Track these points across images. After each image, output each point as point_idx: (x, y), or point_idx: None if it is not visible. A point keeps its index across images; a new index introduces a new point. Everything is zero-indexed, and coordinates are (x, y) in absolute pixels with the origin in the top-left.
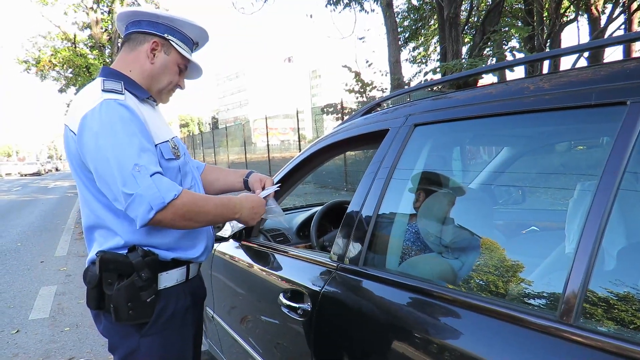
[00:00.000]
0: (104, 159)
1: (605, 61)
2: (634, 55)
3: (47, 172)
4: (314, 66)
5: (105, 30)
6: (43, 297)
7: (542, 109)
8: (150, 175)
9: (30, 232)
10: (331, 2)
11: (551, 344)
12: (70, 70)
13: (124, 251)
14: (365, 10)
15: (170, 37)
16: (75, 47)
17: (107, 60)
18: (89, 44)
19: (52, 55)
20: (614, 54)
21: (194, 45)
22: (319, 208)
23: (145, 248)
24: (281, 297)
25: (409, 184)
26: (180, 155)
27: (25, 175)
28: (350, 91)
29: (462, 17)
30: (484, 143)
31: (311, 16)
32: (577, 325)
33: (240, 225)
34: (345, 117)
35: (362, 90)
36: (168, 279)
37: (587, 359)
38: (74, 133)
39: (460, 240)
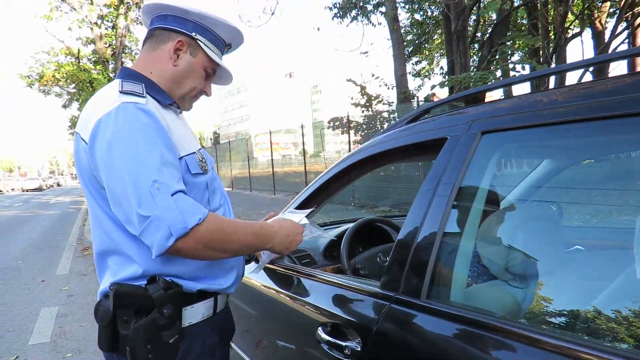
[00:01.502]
0: (117, 173)
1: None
2: (638, 68)
3: (48, 188)
4: (314, 81)
5: (109, 45)
6: (44, 319)
7: None
8: (172, 194)
9: (31, 249)
10: (338, 15)
11: None
12: (73, 85)
13: (143, 282)
14: (373, 24)
15: (198, 37)
16: (78, 62)
17: (111, 75)
18: (93, 59)
19: (55, 70)
20: (618, 68)
21: (225, 47)
22: (344, 227)
23: (167, 278)
24: (320, 331)
25: (477, 203)
26: (208, 170)
27: (27, 191)
28: (356, 105)
29: (468, 30)
30: (575, 154)
31: (318, 29)
32: None
33: None
34: (352, 132)
35: (368, 104)
36: (193, 314)
37: None
38: (86, 142)
39: (530, 267)
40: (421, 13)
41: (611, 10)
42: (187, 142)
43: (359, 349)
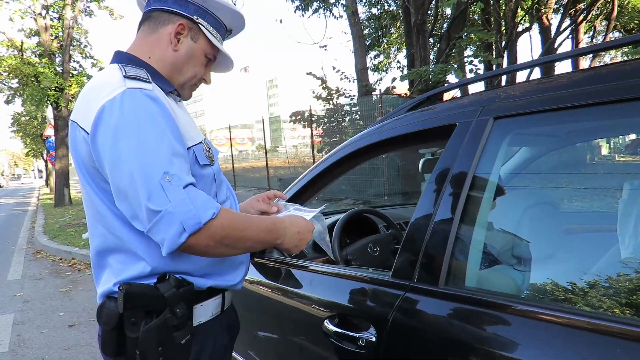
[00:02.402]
0: (124, 164)
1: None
2: (581, 65)
3: None
4: (270, 76)
5: (56, 37)
6: None
7: None
8: (183, 187)
9: None
10: (300, 7)
11: None
12: (16, 79)
13: (152, 280)
14: (335, 16)
15: (199, 20)
16: (22, 55)
17: (59, 69)
18: (38, 52)
19: None
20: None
21: (226, 32)
22: (333, 218)
23: (178, 276)
24: (327, 324)
25: (489, 190)
26: (214, 161)
27: None
28: (318, 98)
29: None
30: (594, 137)
31: (281, 21)
32: None
33: None
34: (313, 125)
35: (329, 97)
36: (203, 312)
37: None
38: (87, 132)
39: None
40: (379, 7)
41: (556, 6)
42: (194, 132)
43: (374, 339)
